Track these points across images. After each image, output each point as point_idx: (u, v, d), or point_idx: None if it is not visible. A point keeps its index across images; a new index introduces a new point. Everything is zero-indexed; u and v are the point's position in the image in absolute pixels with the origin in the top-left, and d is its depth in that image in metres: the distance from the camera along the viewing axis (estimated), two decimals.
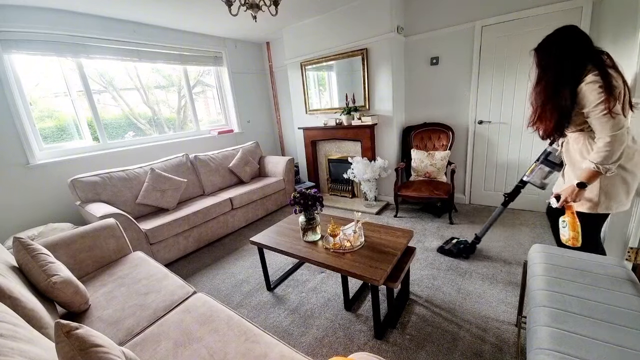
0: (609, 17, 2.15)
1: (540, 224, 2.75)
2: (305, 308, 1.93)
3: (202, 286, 2.29)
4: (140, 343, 1.20)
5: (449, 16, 3.03)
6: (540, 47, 1.44)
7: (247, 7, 2.00)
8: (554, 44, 1.37)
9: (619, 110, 1.20)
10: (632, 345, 0.86)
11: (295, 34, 3.91)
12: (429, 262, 2.30)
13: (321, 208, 1.88)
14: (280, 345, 1.12)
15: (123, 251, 1.99)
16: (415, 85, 3.45)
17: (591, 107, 1.24)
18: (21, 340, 0.82)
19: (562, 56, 1.33)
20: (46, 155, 2.81)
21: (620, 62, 1.25)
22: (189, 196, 3.21)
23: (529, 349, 0.94)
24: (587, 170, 1.31)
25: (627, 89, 1.27)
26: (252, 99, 4.75)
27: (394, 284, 1.55)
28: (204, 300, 1.43)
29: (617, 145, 1.21)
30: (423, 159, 3.24)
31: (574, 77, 1.29)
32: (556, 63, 1.34)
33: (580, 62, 1.28)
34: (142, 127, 3.68)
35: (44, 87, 2.91)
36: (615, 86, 1.20)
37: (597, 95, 1.21)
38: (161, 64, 3.69)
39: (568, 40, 1.33)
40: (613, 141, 1.21)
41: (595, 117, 1.24)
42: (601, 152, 1.24)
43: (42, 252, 1.42)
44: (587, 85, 1.24)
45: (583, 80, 1.26)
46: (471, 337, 1.57)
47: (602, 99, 1.20)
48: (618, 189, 1.34)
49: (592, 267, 1.23)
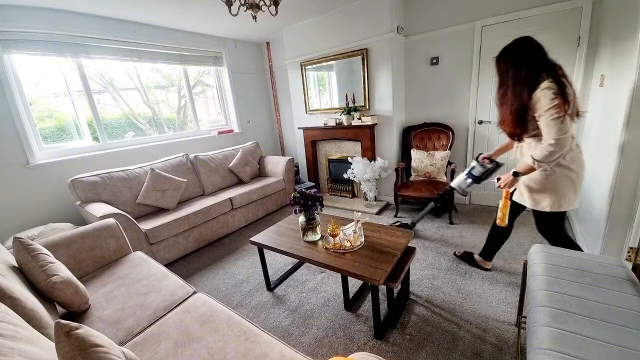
0: (609, 17, 2.15)
1: None
2: (305, 308, 1.93)
3: (202, 286, 2.29)
4: (140, 343, 1.20)
5: (449, 16, 3.03)
6: (500, 55, 1.54)
7: (247, 7, 2.00)
8: (512, 54, 1.49)
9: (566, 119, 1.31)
10: (632, 345, 0.86)
11: (295, 34, 3.91)
12: (429, 262, 2.30)
13: (321, 208, 1.88)
14: (280, 345, 1.12)
15: (123, 251, 1.99)
16: (415, 85, 3.45)
17: (543, 111, 1.35)
18: (21, 340, 0.82)
19: (519, 64, 1.44)
20: (46, 155, 2.81)
21: (619, 63, 1.26)
22: (189, 196, 3.21)
23: (529, 349, 0.94)
24: (526, 164, 1.49)
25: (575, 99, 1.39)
26: (252, 99, 4.75)
27: (394, 284, 1.55)
28: (204, 300, 1.43)
29: (559, 147, 1.33)
30: (423, 159, 3.24)
31: (529, 84, 1.40)
32: (514, 71, 1.46)
33: (536, 71, 1.39)
34: (142, 127, 3.68)
35: (44, 87, 2.90)
36: (568, 93, 1.32)
37: (550, 101, 1.31)
38: (161, 64, 3.69)
39: (525, 50, 1.45)
40: (557, 144, 1.32)
41: (544, 120, 1.35)
42: (544, 151, 1.36)
43: (42, 252, 1.42)
44: (542, 91, 1.34)
45: (539, 87, 1.36)
46: (471, 337, 1.57)
47: (555, 103, 1.30)
48: (566, 188, 1.49)
49: (592, 267, 1.23)
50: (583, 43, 2.45)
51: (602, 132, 2.05)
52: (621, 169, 1.61)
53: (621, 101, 1.65)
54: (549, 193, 1.53)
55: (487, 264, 2.13)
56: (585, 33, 2.43)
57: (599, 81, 2.21)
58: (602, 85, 2.15)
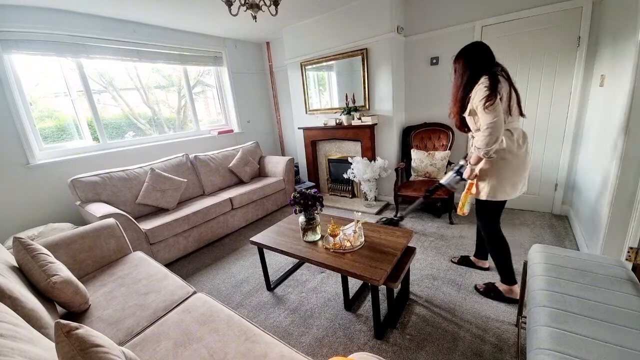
0: (609, 17, 2.15)
1: (540, 224, 2.75)
2: (305, 308, 1.93)
3: (202, 286, 2.29)
4: (140, 343, 1.20)
5: (449, 16, 3.03)
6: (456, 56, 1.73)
7: (247, 7, 2.00)
8: (462, 56, 1.68)
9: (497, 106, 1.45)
10: (632, 345, 0.86)
11: (295, 34, 3.91)
12: (429, 262, 2.30)
13: (321, 208, 1.88)
14: (280, 345, 1.12)
15: (123, 251, 1.99)
16: (415, 85, 3.45)
17: (477, 102, 1.52)
18: (21, 340, 0.82)
19: (466, 66, 1.65)
20: (46, 155, 2.81)
21: (619, 63, 1.25)
22: (189, 196, 3.21)
23: (529, 349, 0.94)
24: (474, 155, 1.68)
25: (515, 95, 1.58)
26: (252, 99, 4.75)
27: (394, 284, 1.55)
28: (204, 300, 1.43)
29: (493, 131, 1.46)
30: (423, 159, 3.24)
31: (471, 83, 1.61)
32: (462, 71, 1.68)
33: (478, 71, 1.58)
34: (142, 127, 3.68)
35: (44, 87, 2.90)
36: (498, 87, 1.48)
37: (482, 93, 1.49)
38: (161, 64, 3.69)
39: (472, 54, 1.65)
40: (490, 128, 1.47)
41: (479, 110, 1.51)
42: (481, 137, 1.52)
43: (42, 252, 1.42)
44: (478, 86, 1.54)
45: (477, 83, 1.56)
46: (471, 337, 1.57)
47: (486, 94, 1.47)
48: (503, 178, 1.65)
49: (592, 267, 1.23)
50: (583, 43, 2.45)
51: (602, 132, 2.05)
52: (621, 169, 1.61)
53: (621, 101, 1.65)
54: (487, 181, 1.70)
55: (484, 263, 2.15)
56: (585, 33, 2.43)
57: (599, 81, 2.21)
58: (602, 85, 2.15)
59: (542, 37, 2.62)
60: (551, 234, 2.56)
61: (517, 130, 1.64)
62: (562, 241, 2.43)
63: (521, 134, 1.65)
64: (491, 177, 1.68)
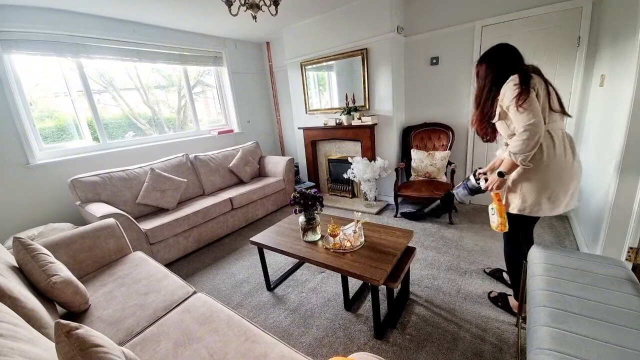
0: (609, 17, 2.15)
1: (540, 224, 2.75)
2: (305, 308, 1.93)
3: (202, 286, 2.29)
4: (140, 343, 1.20)
5: (449, 16, 3.03)
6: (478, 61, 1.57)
7: (247, 7, 2.00)
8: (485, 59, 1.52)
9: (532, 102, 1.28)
10: (632, 345, 0.86)
11: (295, 34, 3.91)
12: (429, 262, 2.30)
13: (321, 208, 1.88)
14: (280, 345, 1.12)
15: (123, 251, 1.99)
16: (415, 85, 3.45)
17: (507, 102, 1.35)
18: (21, 340, 0.82)
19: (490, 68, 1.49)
20: (46, 155, 2.81)
21: (619, 63, 1.24)
22: (189, 196, 3.21)
23: (529, 349, 0.94)
24: (506, 160, 1.42)
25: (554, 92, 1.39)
26: (252, 99, 4.75)
27: (394, 284, 1.55)
28: (204, 300, 1.43)
29: (530, 135, 1.28)
30: (423, 159, 3.24)
31: (497, 84, 1.43)
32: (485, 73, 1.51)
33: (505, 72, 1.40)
34: (142, 127, 3.68)
35: (44, 87, 2.90)
36: (532, 83, 1.31)
37: (513, 92, 1.31)
38: (161, 64, 3.69)
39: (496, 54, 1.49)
40: (528, 130, 1.28)
41: (512, 112, 1.34)
42: (516, 142, 1.32)
43: (42, 252, 1.42)
44: (507, 84, 1.36)
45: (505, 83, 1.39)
46: (471, 337, 1.57)
47: (517, 92, 1.30)
48: (536, 193, 1.41)
49: (592, 267, 1.23)
50: (583, 43, 2.45)
51: (602, 132, 2.05)
52: (621, 169, 1.61)
53: (621, 101, 1.65)
54: (519, 193, 1.46)
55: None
56: (585, 33, 2.43)
57: (599, 81, 2.21)
58: (602, 85, 2.14)
59: (542, 37, 2.62)
60: (551, 234, 2.56)
61: (558, 132, 1.39)
62: (562, 241, 2.43)
63: (564, 136, 1.41)
64: (523, 187, 1.44)
